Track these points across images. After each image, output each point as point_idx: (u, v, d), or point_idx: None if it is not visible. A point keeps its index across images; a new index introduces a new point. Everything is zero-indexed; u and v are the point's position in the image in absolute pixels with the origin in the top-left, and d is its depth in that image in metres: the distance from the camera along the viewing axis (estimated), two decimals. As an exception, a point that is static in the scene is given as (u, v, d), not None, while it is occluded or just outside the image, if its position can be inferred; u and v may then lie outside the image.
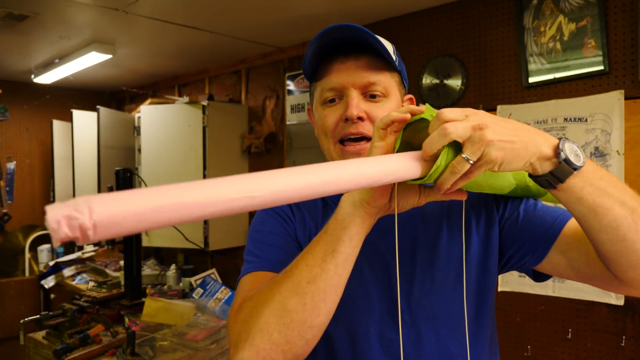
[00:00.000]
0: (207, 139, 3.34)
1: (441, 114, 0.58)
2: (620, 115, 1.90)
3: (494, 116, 0.59)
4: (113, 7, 2.43)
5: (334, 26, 0.76)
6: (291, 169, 0.49)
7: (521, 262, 0.81)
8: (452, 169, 0.57)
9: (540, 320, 2.15)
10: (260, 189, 0.45)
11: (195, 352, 1.88)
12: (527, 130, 0.60)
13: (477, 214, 0.83)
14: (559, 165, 0.59)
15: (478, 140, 0.55)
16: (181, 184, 0.41)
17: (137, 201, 0.38)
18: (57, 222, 0.35)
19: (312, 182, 0.49)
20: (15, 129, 4.26)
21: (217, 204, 0.42)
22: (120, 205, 0.37)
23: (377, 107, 0.80)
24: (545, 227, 0.77)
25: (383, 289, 0.80)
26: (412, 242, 0.82)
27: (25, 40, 3.00)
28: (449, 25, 2.43)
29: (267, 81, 3.44)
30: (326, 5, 2.45)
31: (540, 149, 0.59)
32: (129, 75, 4.09)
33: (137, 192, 0.38)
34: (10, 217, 4.20)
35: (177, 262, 3.53)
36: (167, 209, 0.39)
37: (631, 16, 1.89)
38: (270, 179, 0.47)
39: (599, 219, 0.62)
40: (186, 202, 0.40)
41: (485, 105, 2.30)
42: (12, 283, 3.79)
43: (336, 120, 0.80)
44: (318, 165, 0.52)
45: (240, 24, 2.76)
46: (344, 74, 0.80)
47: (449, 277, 0.80)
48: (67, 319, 2.14)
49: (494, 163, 0.56)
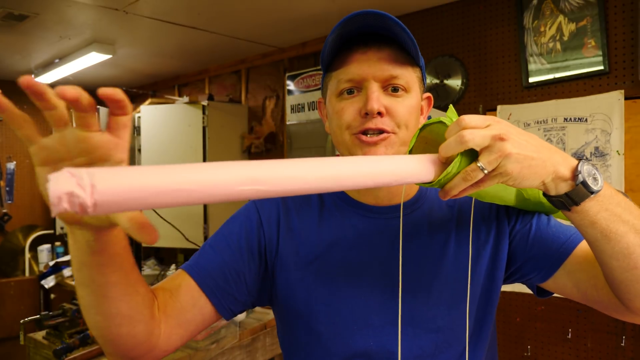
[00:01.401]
0: (207, 139, 3.34)
1: (461, 120, 0.55)
2: (620, 115, 1.90)
3: (517, 128, 0.57)
4: (113, 7, 2.43)
5: (359, 12, 0.71)
6: (303, 160, 0.48)
7: (526, 278, 0.79)
8: (465, 176, 0.55)
9: (540, 320, 2.15)
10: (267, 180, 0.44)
11: (195, 352, 1.88)
12: (548, 148, 0.58)
13: (488, 225, 0.80)
14: (576, 187, 0.58)
15: (497, 150, 0.53)
16: (186, 166, 0.40)
17: (142, 181, 0.37)
18: (58, 198, 0.34)
19: (323, 175, 0.48)
20: (15, 129, 4.26)
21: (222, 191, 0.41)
22: (124, 184, 0.36)
23: (397, 102, 0.74)
24: (556, 246, 0.75)
25: (384, 300, 0.77)
26: (417, 252, 0.78)
27: (25, 40, 3.00)
28: (449, 25, 2.43)
29: (267, 81, 3.44)
30: (326, 5, 2.45)
31: (558, 168, 0.58)
32: (129, 75, 4.09)
33: (141, 171, 0.37)
34: (10, 217, 4.20)
35: (177, 262, 3.53)
36: (170, 192, 0.38)
37: (631, 16, 1.89)
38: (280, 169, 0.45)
39: (612, 245, 0.61)
40: (189, 187, 0.39)
41: (485, 105, 2.30)
42: (12, 283, 3.79)
43: (354, 114, 0.74)
44: (331, 159, 0.50)
45: (240, 24, 2.76)
46: (364, 65, 0.74)
47: (455, 287, 0.77)
48: (67, 319, 2.14)
49: (509, 176, 0.55)
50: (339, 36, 0.74)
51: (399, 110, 0.74)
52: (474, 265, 0.78)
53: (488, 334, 0.81)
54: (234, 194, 0.42)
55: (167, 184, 0.38)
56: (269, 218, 0.83)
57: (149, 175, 0.37)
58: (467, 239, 0.79)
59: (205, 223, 3.32)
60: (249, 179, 0.43)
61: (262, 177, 0.44)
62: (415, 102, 0.76)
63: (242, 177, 0.42)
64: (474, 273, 0.78)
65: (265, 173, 0.44)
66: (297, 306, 0.79)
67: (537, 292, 0.82)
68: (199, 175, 0.40)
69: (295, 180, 0.46)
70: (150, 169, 0.38)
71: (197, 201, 0.40)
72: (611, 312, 0.72)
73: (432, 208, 0.81)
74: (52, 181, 0.34)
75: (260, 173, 0.44)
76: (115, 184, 0.35)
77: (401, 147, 0.75)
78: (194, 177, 0.40)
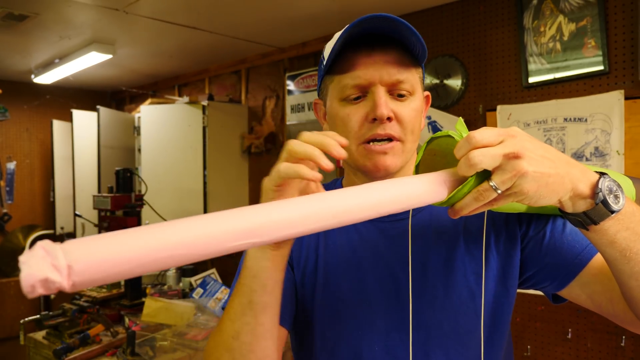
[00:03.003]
0: (207, 139, 3.34)
1: (471, 137, 0.50)
2: (620, 115, 1.90)
3: (533, 140, 0.52)
4: (113, 7, 2.43)
5: (369, 16, 0.68)
6: (303, 200, 0.45)
7: (539, 286, 0.77)
8: (477, 196, 0.52)
9: (540, 320, 2.15)
10: (262, 231, 0.41)
11: (195, 352, 1.88)
12: (566, 162, 0.54)
13: (497, 229, 0.76)
14: (595, 206, 0.54)
15: (511, 169, 0.49)
16: (173, 225, 0.37)
17: (123, 252, 0.34)
18: (32, 287, 0.30)
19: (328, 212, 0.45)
20: (16, 129, 4.26)
21: (214, 249, 0.39)
22: (104, 258, 0.33)
23: (403, 106, 0.72)
24: (571, 257, 0.71)
25: (389, 304, 0.75)
26: (423, 255, 0.76)
27: (25, 40, 3.00)
28: (449, 25, 2.43)
29: (267, 81, 3.44)
30: (326, 5, 2.45)
31: (577, 185, 0.53)
32: (129, 75, 4.09)
33: (121, 240, 0.34)
34: (11, 217, 4.20)
35: (177, 262, 3.53)
36: (155, 260, 0.35)
37: (631, 16, 1.89)
38: (274, 214, 0.42)
39: (631, 265, 0.57)
40: (176, 252, 0.36)
41: (485, 105, 2.30)
42: (12, 283, 3.79)
43: (360, 120, 0.71)
44: (336, 193, 0.47)
45: (240, 24, 2.76)
46: (370, 69, 0.71)
47: (462, 293, 0.74)
48: (67, 319, 2.14)
49: (524, 196, 0.51)
50: (342, 38, 0.71)
51: (406, 114, 0.72)
52: (483, 269, 0.75)
53: (502, 342, 0.78)
54: (228, 250, 0.40)
55: (151, 251, 0.35)
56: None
57: (130, 243, 0.34)
58: (475, 243, 0.76)
59: (205, 223, 3.32)
60: (242, 233, 0.40)
61: (256, 229, 0.41)
62: (419, 104, 0.75)
63: (234, 231, 0.40)
64: (483, 278, 0.75)
65: (258, 221, 0.41)
66: (304, 311, 0.79)
67: (553, 299, 0.79)
68: (186, 235, 0.37)
69: (295, 224, 0.43)
70: (131, 235, 0.35)
71: (187, 262, 0.38)
72: (626, 325, 0.70)
73: (438, 211, 0.79)
74: (24, 264, 0.31)
75: (252, 223, 0.41)
76: (94, 260, 0.32)
77: (406, 155, 0.74)
78: (181, 238, 0.37)
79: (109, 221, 2.52)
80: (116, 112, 4.18)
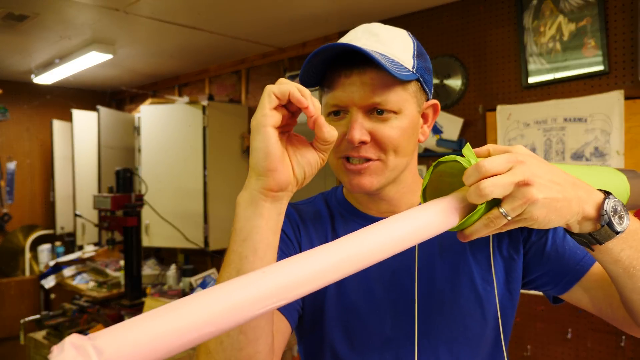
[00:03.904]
0: (207, 139, 3.34)
1: (481, 167, 0.50)
2: (620, 115, 1.90)
3: (541, 164, 0.53)
4: (113, 7, 2.43)
5: (329, 45, 0.67)
6: (316, 253, 0.44)
7: (541, 289, 0.78)
8: (487, 223, 0.52)
9: (540, 320, 2.15)
10: (286, 293, 0.40)
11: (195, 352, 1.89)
12: (572, 184, 0.54)
13: (501, 235, 0.77)
14: (601, 228, 0.54)
15: (521, 197, 0.50)
16: (199, 302, 0.37)
17: (154, 339, 0.34)
18: None
19: (347, 262, 0.45)
20: (16, 129, 4.26)
21: (241, 318, 0.38)
22: (137, 350, 0.33)
23: (384, 126, 0.70)
24: (573, 263, 0.72)
25: (398, 311, 0.75)
26: (429, 263, 0.76)
27: (25, 40, 3.00)
28: (449, 25, 2.43)
29: (267, 81, 3.44)
30: (326, 5, 2.45)
31: (584, 208, 0.54)
32: (129, 75, 4.09)
33: (152, 327, 0.34)
34: (11, 217, 4.20)
35: (177, 262, 3.54)
36: (188, 342, 0.35)
37: (631, 16, 1.89)
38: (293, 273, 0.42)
39: (634, 281, 0.59)
40: (205, 330, 0.36)
41: (485, 105, 2.31)
42: (12, 283, 3.79)
43: (340, 137, 0.71)
44: (350, 238, 0.47)
45: (240, 24, 2.76)
46: (347, 91, 0.70)
47: (470, 298, 0.75)
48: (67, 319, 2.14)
49: (534, 221, 0.51)
50: (320, 61, 0.70)
51: (385, 134, 0.70)
52: (488, 275, 0.76)
53: (507, 344, 0.80)
54: (253, 317, 0.40)
55: (182, 335, 0.35)
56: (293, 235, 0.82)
57: (160, 329, 0.34)
58: (479, 248, 0.77)
59: (206, 223, 3.32)
60: (265, 298, 0.40)
61: (279, 290, 0.40)
62: (408, 123, 0.72)
63: (258, 298, 0.39)
64: (488, 283, 0.76)
65: (281, 282, 0.41)
66: (313, 321, 0.79)
67: (552, 300, 0.81)
68: (212, 311, 0.37)
69: (316, 279, 0.43)
70: (160, 320, 0.35)
71: (214, 336, 0.38)
72: (626, 329, 0.71)
73: None
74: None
75: (275, 285, 0.40)
76: (126, 354, 0.32)
77: (390, 172, 0.73)
78: (208, 316, 0.37)
79: (109, 221, 2.52)
80: (116, 112, 4.18)
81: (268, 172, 0.56)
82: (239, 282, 0.40)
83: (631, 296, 0.61)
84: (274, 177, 0.56)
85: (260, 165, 0.56)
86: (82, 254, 3.82)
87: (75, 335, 0.32)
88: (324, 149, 0.62)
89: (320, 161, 0.62)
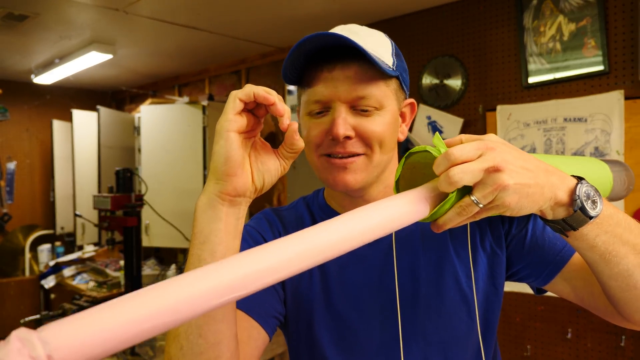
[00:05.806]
0: (207, 139, 3.34)
1: (450, 154, 0.50)
2: (620, 115, 1.91)
3: (512, 150, 0.52)
4: (113, 7, 2.43)
5: (314, 35, 0.66)
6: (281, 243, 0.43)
7: (523, 281, 0.79)
8: (459, 211, 0.51)
9: (540, 320, 2.15)
10: (248, 284, 0.39)
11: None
12: (544, 170, 0.54)
13: (482, 229, 0.77)
14: (574, 213, 0.54)
15: (492, 183, 0.49)
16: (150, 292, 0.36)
17: (104, 331, 0.33)
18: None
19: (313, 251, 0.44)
20: (16, 129, 4.26)
21: (198, 309, 0.37)
22: (85, 341, 0.32)
23: (367, 121, 0.70)
24: (553, 254, 0.73)
25: (385, 315, 0.75)
26: (413, 263, 0.76)
27: (25, 40, 3.00)
28: (449, 25, 2.43)
29: (267, 81, 3.44)
30: (326, 5, 2.45)
31: (556, 193, 0.54)
32: (129, 75, 4.09)
33: (101, 318, 0.33)
34: (11, 217, 4.20)
35: (177, 261, 3.54)
36: (139, 333, 0.34)
37: (631, 16, 1.89)
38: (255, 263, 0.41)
39: (610, 267, 0.59)
40: (159, 321, 0.35)
41: (485, 105, 2.31)
42: (12, 283, 3.79)
43: (321, 135, 0.71)
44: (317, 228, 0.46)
45: (240, 24, 2.76)
46: (330, 86, 0.69)
47: (455, 297, 0.75)
48: (67, 319, 2.14)
49: (506, 208, 0.51)
50: (302, 54, 0.70)
51: (369, 129, 0.70)
52: (473, 271, 0.76)
53: (494, 340, 0.80)
54: (214, 308, 0.39)
55: (133, 324, 0.34)
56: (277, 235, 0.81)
57: (110, 320, 0.33)
58: (461, 244, 0.77)
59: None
60: (226, 289, 0.39)
61: (240, 281, 0.39)
62: (390, 118, 0.72)
63: (218, 288, 0.38)
64: (473, 280, 0.76)
65: (242, 273, 0.40)
66: (301, 331, 0.79)
67: (537, 291, 0.82)
68: (166, 301, 0.36)
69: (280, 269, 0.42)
70: (110, 311, 0.34)
71: (173, 327, 0.37)
72: (608, 317, 0.71)
73: None
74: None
75: (236, 275, 0.39)
76: (74, 346, 0.31)
77: (374, 168, 0.73)
78: (162, 305, 0.36)
79: (109, 221, 2.52)
80: (116, 112, 4.18)
81: (227, 177, 0.56)
82: (195, 273, 0.39)
83: (609, 283, 0.61)
84: (232, 182, 0.56)
85: (219, 170, 0.56)
86: (82, 254, 3.82)
87: (22, 329, 0.31)
88: (289, 157, 0.61)
89: (282, 169, 0.62)
